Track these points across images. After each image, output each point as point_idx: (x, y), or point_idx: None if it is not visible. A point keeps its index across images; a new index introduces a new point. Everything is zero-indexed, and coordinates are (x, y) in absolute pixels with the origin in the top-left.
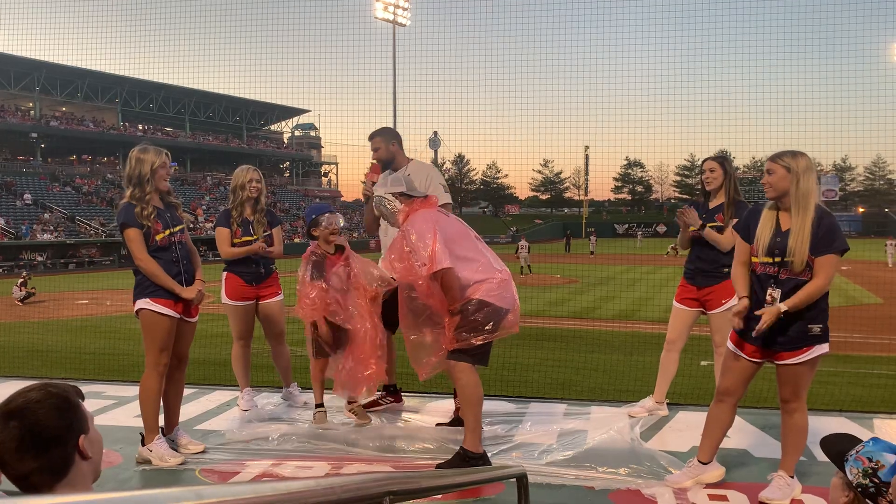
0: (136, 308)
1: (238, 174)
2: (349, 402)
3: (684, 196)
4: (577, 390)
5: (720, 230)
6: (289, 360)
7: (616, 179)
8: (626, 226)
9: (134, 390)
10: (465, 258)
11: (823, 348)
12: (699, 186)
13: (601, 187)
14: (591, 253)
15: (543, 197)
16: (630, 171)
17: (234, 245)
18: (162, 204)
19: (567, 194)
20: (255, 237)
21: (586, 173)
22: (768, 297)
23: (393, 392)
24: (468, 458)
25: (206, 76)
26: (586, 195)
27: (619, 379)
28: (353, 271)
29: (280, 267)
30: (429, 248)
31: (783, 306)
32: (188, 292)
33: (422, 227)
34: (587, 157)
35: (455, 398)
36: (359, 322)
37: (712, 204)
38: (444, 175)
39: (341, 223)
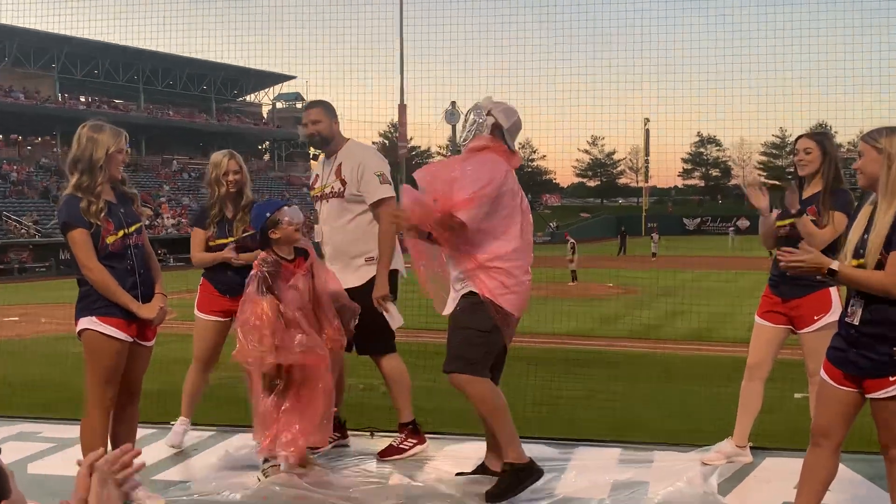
0: (78, 328)
1: (212, 164)
2: (265, 462)
3: (775, 182)
4: (635, 431)
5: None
6: None
7: (685, 161)
8: (699, 220)
9: (76, 430)
10: (495, 233)
11: None
12: (791, 169)
13: (666, 171)
14: (654, 255)
15: (591, 184)
16: (703, 149)
17: (209, 249)
18: (114, 196)
19: (622, 180)
20: (231, 239)
21: (646, 153)
22: (849, 312)
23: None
24: (519, 472)
25: (166, 35)
26: (646, 181)
27: (689, 416)
28: (317, 287)
29: None
30: (469, 191)
31: (834, 265)
32: (147, 310)
33: (482, 172)
34: (647, 133)
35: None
36: (315, 360)
37: (806, 193)
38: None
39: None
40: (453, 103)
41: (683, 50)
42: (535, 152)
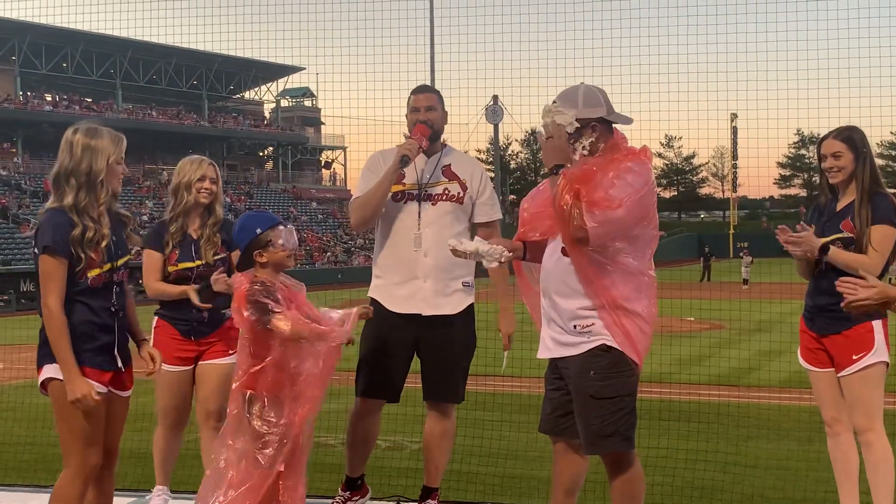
0: (42, 377)
1: (183, 168)
2: None
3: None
4: (724, 498)
5: (850, 245)
6: None
7: (782, 165)
8: None
9: (41, 499)
10: (640, 259)
11: None
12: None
13: (758, 178)
14: (745, 282)
15: (667, 195)
16: (804, 151)
17: (167, 276)
18: (108, 219)
19: (704, 190)
20: (198, 263)
21: (734, 157)
22: None
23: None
24: None
25: (147, 19)
26: (734, 191)
27: (791, 480)
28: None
29: None
30: (618, 198)
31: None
32: (76, 387)
33: (644, 181)
34: (735, 132)
35: None
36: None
37: (840, 204)
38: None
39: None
40: (495, 98)
41: (778, 24)
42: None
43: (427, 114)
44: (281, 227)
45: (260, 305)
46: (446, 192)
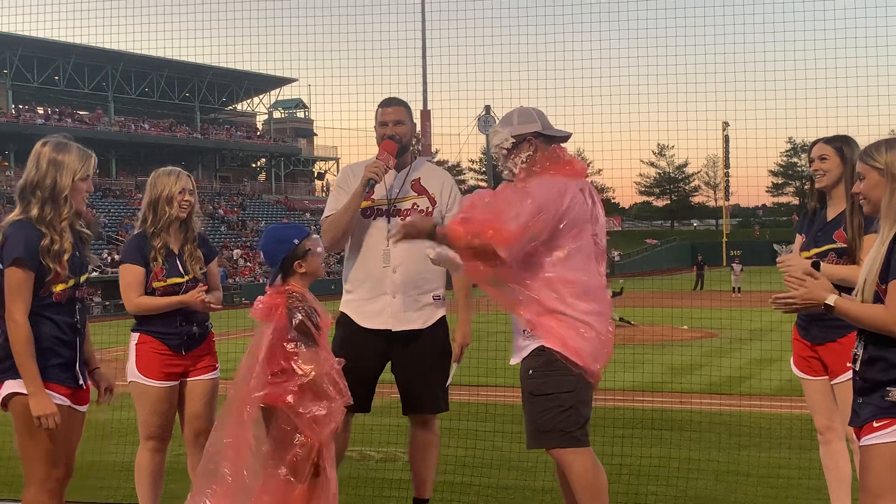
0: (3, 393)
1: (160, 182)
2: None
3: None
4: None
5: (843, 255)
6: None
7: (774, 173)
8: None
9: None
10: (568, 268)
11: None
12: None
13: (750, 186)
14: (736, 290)
15: (659, 203)
16: (796, 159)
17: (153, 291)
18: (71, 235)
19: (697, 198)
20: (187, 278)
21: (726, 165)
22: (854, 356)
23: None
24: None
25: (139, 32)
26: (727, 199)
27: (784, 489)
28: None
29: (215, 322)
30: (520, 218)
31: (830, 299)
32: (38, 405)
33: (546, 197)
34: (727, 140)
35: None
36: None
37: (831, 213)
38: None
39: None
40: (487, 108)
41: (766, 34)
42: (589, 165)
43: (395, 128)
44: (314, 236)
45: (302, 326)
46: (415, 206)
